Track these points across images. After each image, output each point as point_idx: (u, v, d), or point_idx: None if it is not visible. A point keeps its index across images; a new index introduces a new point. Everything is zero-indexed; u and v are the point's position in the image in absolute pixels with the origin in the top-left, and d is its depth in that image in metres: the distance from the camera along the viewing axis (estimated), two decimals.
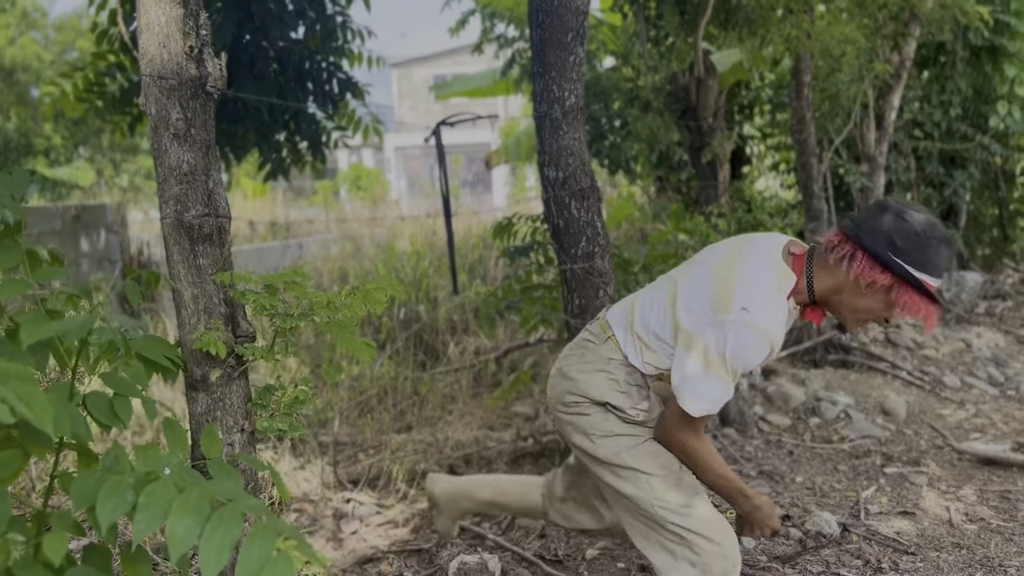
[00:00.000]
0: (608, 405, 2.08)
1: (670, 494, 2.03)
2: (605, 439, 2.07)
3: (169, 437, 1.49)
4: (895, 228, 1.88)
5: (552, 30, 2.80)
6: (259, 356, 1.69)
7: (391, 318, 5.47)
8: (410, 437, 3.98)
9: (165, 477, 1.19)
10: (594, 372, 2.10)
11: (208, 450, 1.53)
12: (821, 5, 6.46)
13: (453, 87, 8.19)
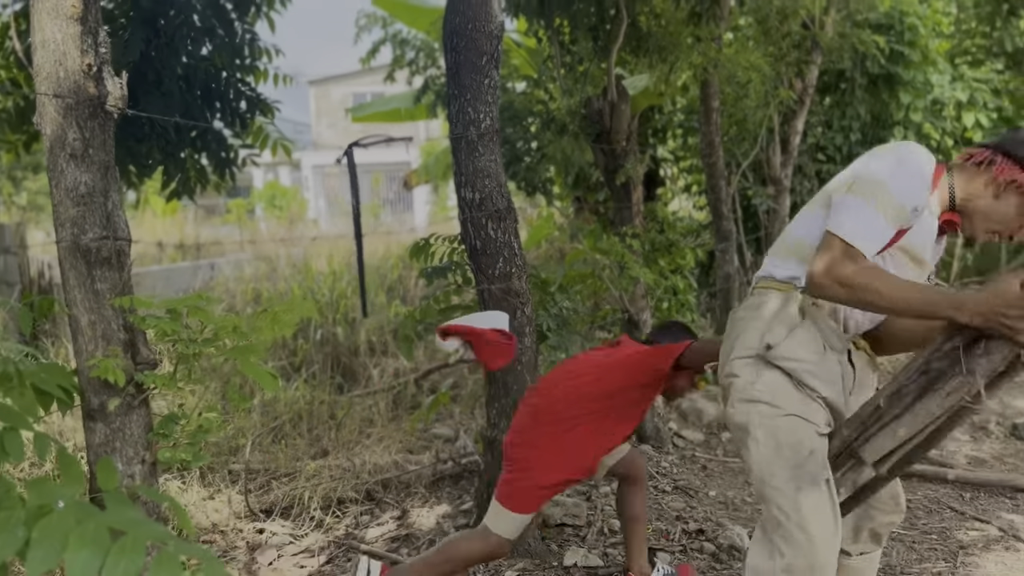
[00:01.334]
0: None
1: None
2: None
3: (64, 470, 1.42)
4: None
5: (467, 53, 2.82)
6: (160, 384, 1.63)
7: (307, 340, 5.36)
8: (326, 463, 3.90)
9: (59, 510, 1.14)
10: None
11: (104, 482, 1.46)
12: (729, 33, 6.70)
13: (371, 109, 8.12)
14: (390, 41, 6.21)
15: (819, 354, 1.91)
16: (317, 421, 4.47)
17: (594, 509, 3.42)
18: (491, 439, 3.01)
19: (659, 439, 4.32)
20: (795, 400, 1.91)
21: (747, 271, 6.83)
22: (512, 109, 5.53)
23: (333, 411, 4.59)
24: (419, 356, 5.27)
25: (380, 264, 7.68)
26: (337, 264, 7.40)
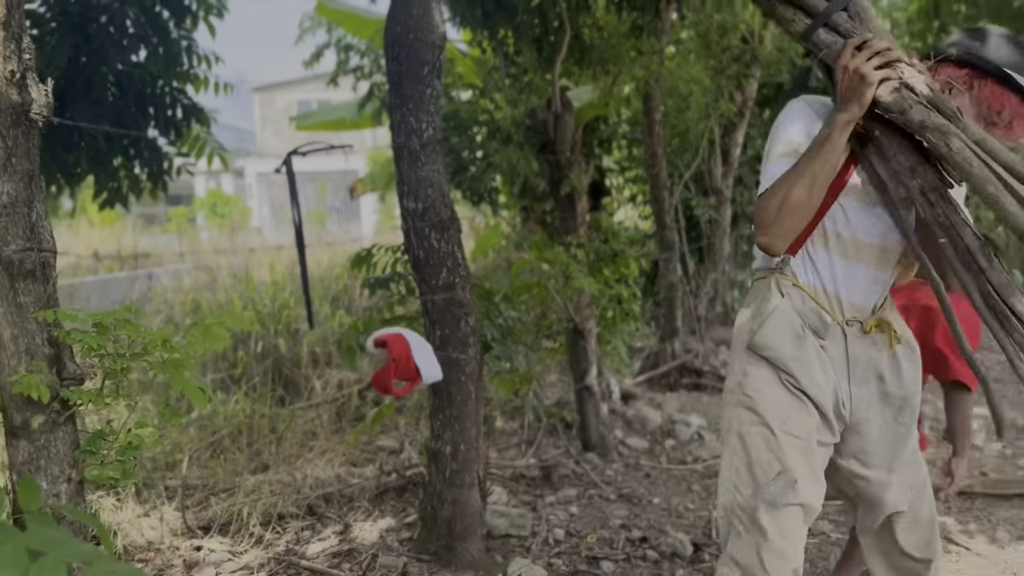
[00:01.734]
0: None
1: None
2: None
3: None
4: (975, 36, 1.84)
5: (409, 63, 2.81)
6: (87, 400, 1.57)
7: (247, 352, 5.26)
8: (266, 477, 3.83)
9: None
10: None
11: (25, 502, 1.41)
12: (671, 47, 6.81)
13: (316, 118, 8.03)
14: (334, 45, 6.15)
15: (796, 338, 1.87)
16: (257, 435, 4.38)
17: (539, 519, 3.42)
18: (435, 451, 2.98)
19: (604, 447, 4.35)
20: (780, 402, 1.88)
21: (690, 280, 6.93)
22: (457, 118, 5.53)
23: (274, 424, 4.51)
24: (364, 367, 5.21)
25: (325, 274, 7.58)
26: (280, 274, 7.29)
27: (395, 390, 2.56)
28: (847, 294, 1.88)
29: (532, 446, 4.37)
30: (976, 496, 3.67)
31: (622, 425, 4.84)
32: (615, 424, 4.77)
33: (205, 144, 3.34)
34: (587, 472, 4.02)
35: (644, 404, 5.17)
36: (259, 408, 4.61)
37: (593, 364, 4.38)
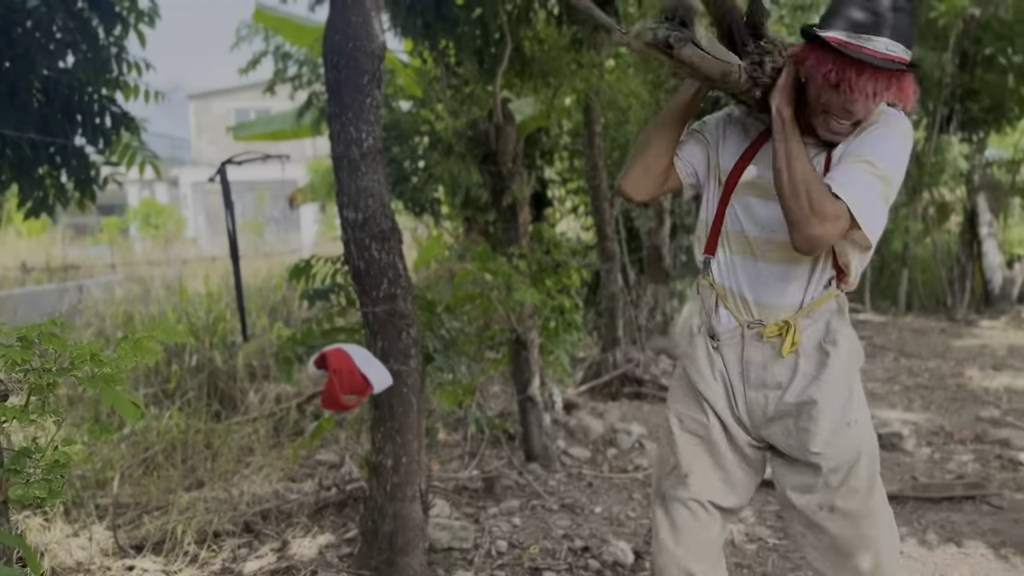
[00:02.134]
0: None
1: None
2: None
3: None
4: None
5: (348, 72, 2.78)
6: (11, 417, 1.51)
7: (181, 366, 5.13)
8: (201, 494, 3.73)
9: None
10: None
11: None
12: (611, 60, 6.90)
13: (254, 128, 7.89)
14: (272, 54, 6.06)
15: (691, 337, 1.94)
16: (192, 451, 4.27)
17: (482, 531, 3.41)
18: (376, 464, 2.95)
19: (547, 458, 4.35)
20: (680, 399, 1.97)
21: (631, 290, 7.00)
22: (399, 128, 5.50)
23: (209, 440, 4.40)
24: (302, 380, 5.12)
25: (263, 285, 7.45)
26: (215, 285, 7.13)
27: (345, 404, 2.51)
28: (753, 293, 1.87)
29: (475, 457, 4.35)
30: (907, 500, 3.77)
31: (565, 435, 4.85)
32: (558, 434, 4.78)
33: (136, 153, 3.24)
34: (530, 483, 4.02)
35: (586, 414, 5.20)
36: (194, 423, 4.49)
37: (536, 374, 4.39)
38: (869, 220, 1.70)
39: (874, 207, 1.71)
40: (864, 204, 1.69)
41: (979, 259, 10.50)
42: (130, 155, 3.28)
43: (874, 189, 1.71)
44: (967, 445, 4.72)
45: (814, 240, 1.68)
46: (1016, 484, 3.99)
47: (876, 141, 1.75)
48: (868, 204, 1.70)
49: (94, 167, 3.17)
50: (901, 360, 7.39)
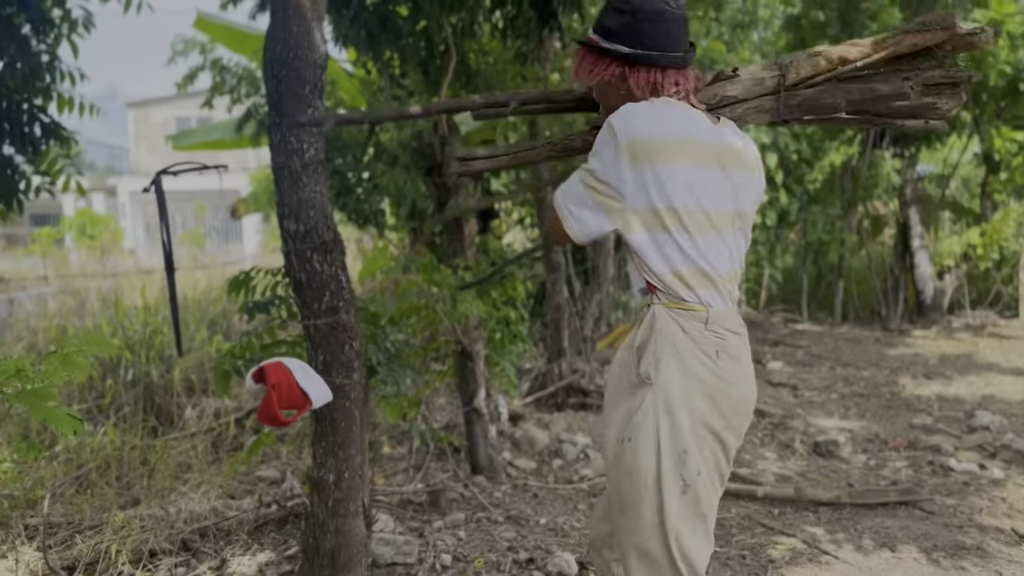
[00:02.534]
0: None
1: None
2: None
3: None
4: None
5: (289, 82, 2.74)
6: None
7: (116, 381, 4.99)
8: (137, 512, 3.62)
9: None
10: None
11: None
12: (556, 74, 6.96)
13: (194, 137, 7.73)
14: (209, 68, 5.96)
15: None
16: (127, 468, 4.15)
17: (426, 546, 3.38)
18: (318, 480, 2.90)
19: (493, 470, 4.34)
20: None
21: (576, 301, 7.05)
22: (343, 139, 5.46)
23: (146, 456, 4.28)
24: (241, 394, 5.03)
25: (202, 297, 7.30)
26: (152, 298, 6.96)
27: (283, 419, 2.46)
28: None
29: (420, 471, 4.32)
30: (843, 506, 3.86)
31: (510, 446, 4.85)
32: (503, 446, 4.78)
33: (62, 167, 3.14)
34: (475, 495, 4.00)
35: (532, 425, 5.21)
36: (129, 439, 4.37)
37: (481, 386, 4.38)
38: (562, 212, 1.93)
39: (571, 202, 1.92)
40: (561, 199, 1.94)
41: (911, 271, 10.84)
42: (57, 170, 3.17)
43: (574, 185, 1.92)
44: (900, 452, 4.85)
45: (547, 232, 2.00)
46: (947, 489, 4.11)
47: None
48: (563, 200, 1.94)
49: (23, 177, 3.07)
50: (837, 369, 7.58)
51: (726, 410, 1.89)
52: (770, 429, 5.42)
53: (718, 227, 1.89)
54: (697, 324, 1.87)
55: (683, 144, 1.84)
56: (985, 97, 9.92)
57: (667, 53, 1.91)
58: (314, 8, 2.79)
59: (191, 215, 25.70)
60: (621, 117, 1.84)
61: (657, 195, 1.81)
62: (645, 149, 1.81)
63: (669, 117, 1.87)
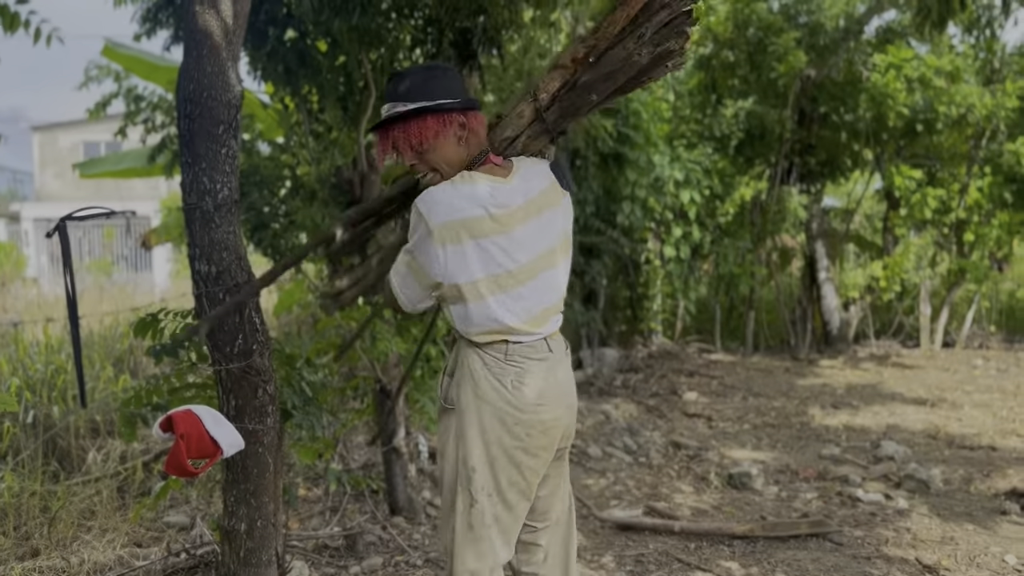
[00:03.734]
0: None
1: None
2: None
3: None
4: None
5: (202, 121, 2.69)
6: None
7: (15, 423, 4.73)
8: (36, 564, 3.43)
9: None
10: None
11: None
12: None
13: (103, 165, 7.46)
14: (123, 96, 5.79)
15: None
16: (27, 516, 3.93)
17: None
18: (229, 529, 2.81)
19: (412, 510, 4.28)
20: None
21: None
22: (259, 173, 5.36)
23: (47, 503, 4.07)
24: (149, 436, 4.83)
25: (108, 333, 7.01)
26: (56, 333, 6.65)
27: (192, 470, 2.38)
28: None
29: (336, 513, 4.23)
30: (757, 540, 3.95)
31: (431, 485, 4.80)
32: (423, 485, 4.72)
33: None
34: (394, 537, 3.94)
35: None
36: (28, 485, 4.15)
37: (401, 425, 4.33)
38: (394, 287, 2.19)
39: (399, 280, 2.18)
40: (392, 276, 2.20)
41: (818, 302, 11.27)
42: None
43: (400, 265, 2.18)
44: (811, 483, 5.01)
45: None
46: (855, 520, 4.26)
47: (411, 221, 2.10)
48: (394, 277, 2.20)
49: None
50: (749, 399, 7.80)
51: (519, 432, 2.09)
52: (686, 461, 5.52)
53: (532, 275, 2.11)
54: (497, 357, 2.10)
55: (483, 219, 2.03)
56: (886, 137, 10.47)
57: (470, 102, 2.13)
58: (229, 47, 2.75)
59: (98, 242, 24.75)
60: (427, 202, 2.03)
61: (467, 271, 2.04)
62: (451, 231, 2.01)
63: (472, 194, 2.04)
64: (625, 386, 8.28)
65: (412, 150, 2.11)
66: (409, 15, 4.53)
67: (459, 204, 2.02)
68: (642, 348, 10.44)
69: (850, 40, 9.87)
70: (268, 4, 4.14)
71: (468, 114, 2.11)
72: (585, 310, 8.91)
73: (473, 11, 4.45)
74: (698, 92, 11.12)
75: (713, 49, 10.59)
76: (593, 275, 8.98)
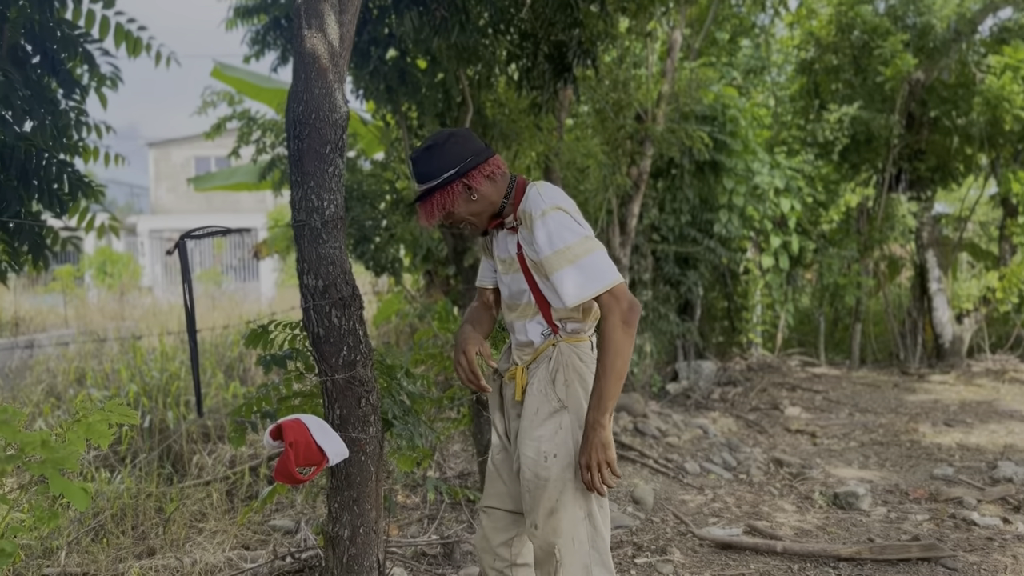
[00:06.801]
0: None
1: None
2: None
3: None
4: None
5: (310, 141, 2.79)
6: None
7: (133, 428, 5.00)
8: (152, 564, 3.62)
9: None
10: None
11: None
12: (569, 119, 7.04)
13: (215, 180, 7.84)
14: (237, 119, 6.09)
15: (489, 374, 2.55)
16: (144, 517, 4.15)
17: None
18: (332, 535, 2.89)
19: None
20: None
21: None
22: (361, 189, 5.52)
23: (161, 504, 4.28)
24: (257, 442, 5.03)
25: (219, 341, 7.34)
26: (171, 343, 7.01)
27: (300, 477, 2.48)
28: (513, 342, 2.43)
29: (434, 521, 4.29)
30: (864, 562, 3.80)
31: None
32: None
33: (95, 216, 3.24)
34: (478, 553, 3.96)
35: None
36: (145, 487, 4.38)
37: None
38: (603, 281, 2.11)
39: (579, 281, 2.12)
40: (576, 288, 2.12)
41: (929, 314, 10.77)
42: (90, 218, 3.26)
43: (569, 270, 2.13)
44: (922, 504, 4.78)
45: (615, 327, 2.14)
46: (970, 545, 4.04)
47: (539, 236, 2.17)
48: (579, 287, 2.12)
49: (49, 233, 3.14)
50: (856, 415, 7.50)
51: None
52: (788, 479, 5.36)
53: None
54: (587, 351, 2.30)
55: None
56: (1001, 140, 9.94)
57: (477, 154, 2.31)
58: (335, 69, 2.85)
59: (209, 253, 25.96)
60: (546, 195, 2.21)
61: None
62: (575, 209, 2.24)
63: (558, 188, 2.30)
64: (723, 400, 8.10)
65: (442, 217, 2.38)
66: (505, 31, 4.58)
67: (562, 195, 2.25)
68: (740, 360, 10.20)
69: (962, 41, 9.42)
70: (370, 25, 4.27)
71: (474, 170, 2.31)
72: (681, 321, 8.78)
73: (568, 24, 4.47)
74: (800, 97, 10.82)
75: (815, 53, 10.29)
76: (689, 285, 8.83)
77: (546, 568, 2.27)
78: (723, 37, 10.30)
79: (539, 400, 2.29)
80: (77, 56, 3.18)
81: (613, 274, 2.11)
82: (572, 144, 5.51)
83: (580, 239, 2.13)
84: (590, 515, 2.25)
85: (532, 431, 2.27)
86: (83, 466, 4.49)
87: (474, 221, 2.36)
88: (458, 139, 2.35)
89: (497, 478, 2.51)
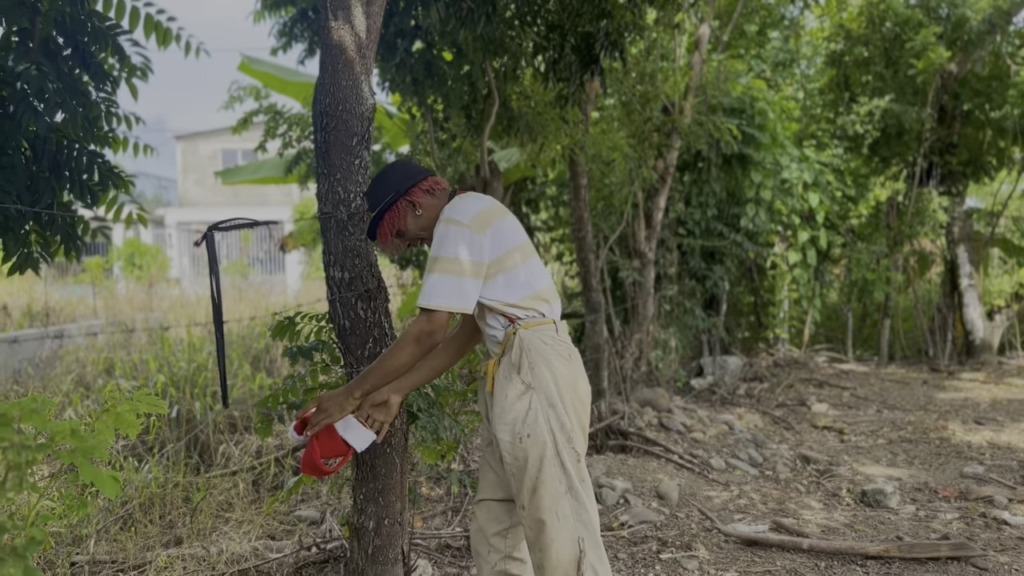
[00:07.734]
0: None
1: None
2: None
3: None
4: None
5: (336, 134, 2.79)
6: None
7: (160, 416, 5.06)
8: (179, 552, 3.65)
9: None
10: None
11: None
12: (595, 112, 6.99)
13: (242, 174, 7.89)
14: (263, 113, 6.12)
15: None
16: (171, 506, 4.19)
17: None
18: (358, 526, 2.90)
19: None
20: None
21: (616, 341, 7.01)
22: None
23: (188, 494, 4.32)
24: (283, 432, 5.06)
25: (246, 333, 7.39)
26: (198, 333, 7.07)
27: (326, 469, 2.50)
28: (486, 341, 2.53)
29: (458, 514, 4.30)
30: (892, 560, 3.75)
31: None
32: None
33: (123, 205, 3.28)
34: None
35: None
36: (172, 476, 4.42)
37: None
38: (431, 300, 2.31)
39: (426, 289, 2.32)
40: (423, 295, 2.33)
41: (960, 310, 10.60)
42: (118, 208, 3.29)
43: (433, 277, 2.32)
44: (951, 503, 4.71)
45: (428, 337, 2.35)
46: (1000, 544, 3.98)
47: (433, 239, 2.39)
48: (424, 294, 2.32)
49: (80, 223, 3.17)
50: (884, 412, 7.41)
51: (582, 395, 2.43)
52: (815, 476, 5.30)
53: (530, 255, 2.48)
54: (551, 335, 2.40)
55: (495, 206, 2.47)
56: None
57: (416, 175, 2.54)
58: (362, 61, 2.85)
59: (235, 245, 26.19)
60: (457, 207, 2.39)
61: (495, 247, 2.38)
62: (479, 218, 2.38)
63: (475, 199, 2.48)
64: (749, 395, 8.03)
65: (395, 237, 2.59)
66: (532, 22, 4.56)
67: (471, 205, 2.42)
68: (767, 356, 10.11)
69: (996, 33, 9.24)
70: (397, 17, 4.27)
71: (414, 187, 2.54)
72: (707, 316, 8.71)
73: (596, 15, 4.44)
74: (829, 90, 10.68)
75: (845, 45, 10.15)
76: (715, 280, 8.76)
77: (537, 546, 2.36)
78: (752, 29, 10.19)
79: (506, 386, 2.39)
80: (108, 48, 3.20)
81: (445, 300, 2.29)
82: (598, 137, 5.47)
83: (450, 257, 2.31)
84: (571, 489, 2.35)
85: (504, 416, 2.37)
86: (112, 455, 4.55)
87: (425, 236, 2.54)
88: (397, 167, 2.59)
89: (489, 470, 2.61)
